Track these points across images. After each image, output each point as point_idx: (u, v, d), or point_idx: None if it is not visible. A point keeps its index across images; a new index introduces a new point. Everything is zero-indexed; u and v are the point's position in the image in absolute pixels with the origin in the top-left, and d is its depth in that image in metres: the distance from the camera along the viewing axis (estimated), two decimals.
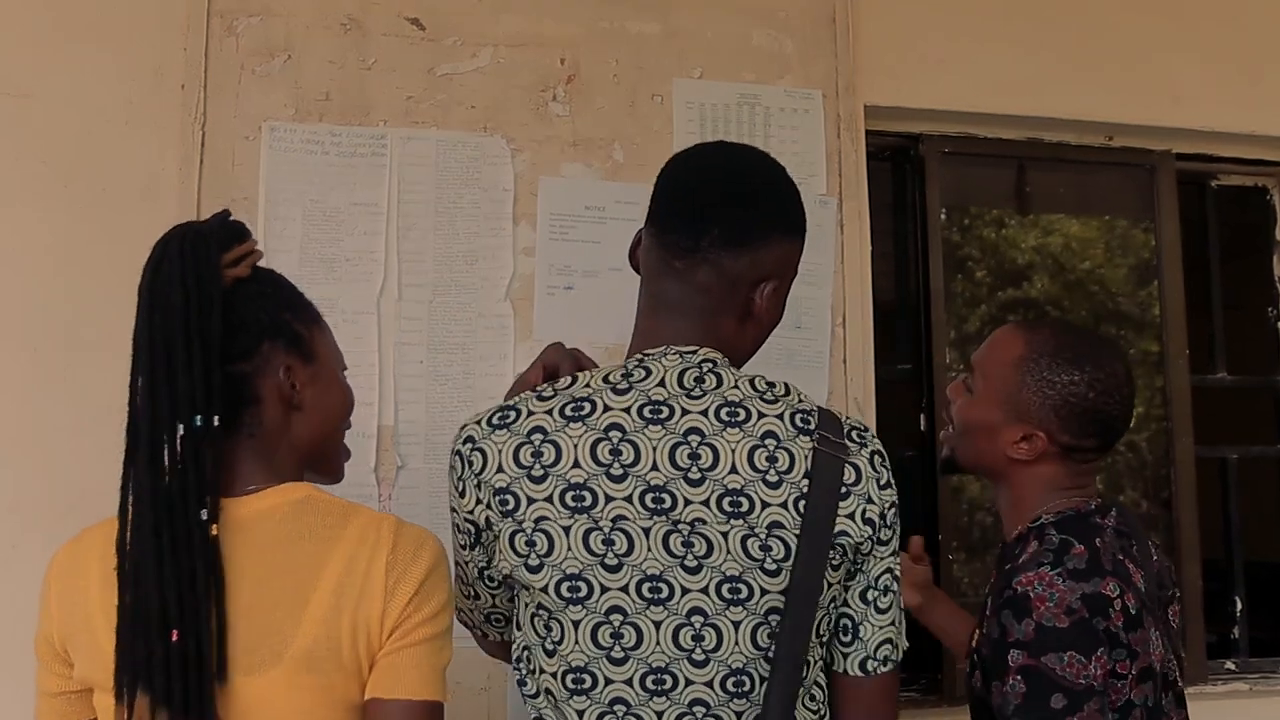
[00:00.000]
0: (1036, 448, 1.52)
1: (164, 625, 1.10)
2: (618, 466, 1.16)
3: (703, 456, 1.17)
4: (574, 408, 1.19)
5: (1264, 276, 2.84)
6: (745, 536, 1.16)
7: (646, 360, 1.22)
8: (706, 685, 1.16)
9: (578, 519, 1.16)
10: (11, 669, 1.87)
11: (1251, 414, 2.93)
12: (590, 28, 2.25)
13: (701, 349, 1.23)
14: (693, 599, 1.16)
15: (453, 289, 2.13)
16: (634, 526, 1.16)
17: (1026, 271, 4.83)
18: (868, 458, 1.22)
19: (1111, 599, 1.40)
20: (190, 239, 1.20)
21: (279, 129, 2.10)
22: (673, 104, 2.27)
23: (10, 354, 1.98)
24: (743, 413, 1.19)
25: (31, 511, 1.94)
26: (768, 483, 1.17)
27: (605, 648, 1.16)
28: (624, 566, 1.16)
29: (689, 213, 1.24)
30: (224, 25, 2.10)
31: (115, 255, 2.02)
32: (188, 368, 1.15)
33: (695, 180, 1.28)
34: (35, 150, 2.03)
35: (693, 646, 1.16)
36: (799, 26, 2.35)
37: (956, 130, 2.54)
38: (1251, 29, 2.63)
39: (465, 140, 2.16)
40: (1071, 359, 1.52)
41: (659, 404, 1.19)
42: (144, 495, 1.15)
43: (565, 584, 1.16)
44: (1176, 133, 2.62)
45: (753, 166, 1.30)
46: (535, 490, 1.17)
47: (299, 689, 1.14)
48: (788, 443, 1.18)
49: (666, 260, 1.25)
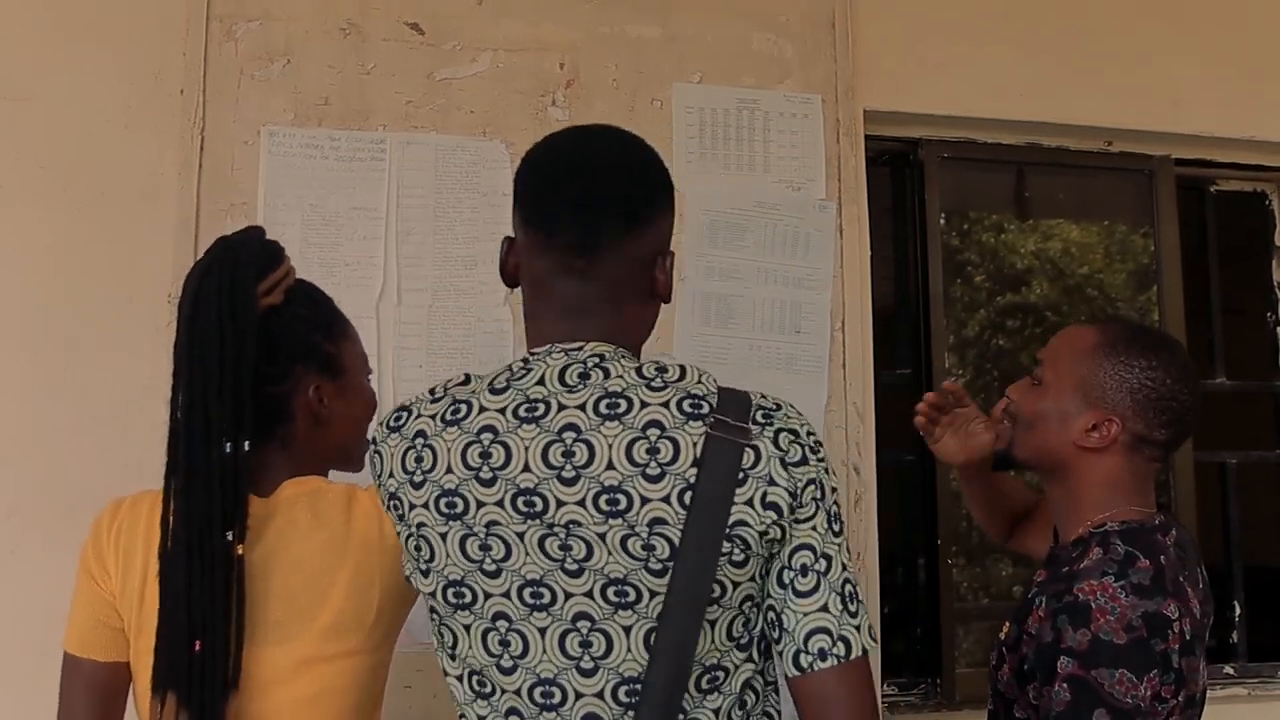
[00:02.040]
0: (1109, 434, 1.48)
1: (190, 636, 1.21)
2: (487, 470, 1.11)
3: (577, 454, 1.09)
4: (453, 410, 1.15)
5: (1263, 281, 2.84)
6: (626, 536, 1.07)
7: (531, 360, 1.17)
8: (597, 696, 1.10)
9: (453, 525, 1.12)
10: (12, 669, 1.87)
11: (1250, 419, 2.93)
12: (590, 32, 2.25)
13: (589, 344, 1.15)
14: (577, 603, 1.09)
15: (452, 293, 2.13)
16: (508, 531, 1.10)
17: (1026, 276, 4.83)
18: (771, 437, 1.11)
19: (1171, 621, 1.37)
20: (230, 269, 1.28)
21: (278, 133, 2.10)
22: (672, 108, 2.27)
23: (10, 355, 1.98)
24: (623, 404, 1.10)
25: (31, 512, 1.94)
26: (648, 476, 1.07)
27: (495, 655, 1.13)
28: (503, 572, 1.11)
29: (579, 207, 1.16)
30: (223, 29, 2.10)
31: (114, 258, 2.03)
32: (219, 397, 1.25)
33: (573, 170, 1.19)
34: (35, 153, 2.03)
35: (580, 654, 1.10)
36: (799, 31, 2.35)
37: (956, 135, 2.55)
38: (1251, 34, 2.64)
39: (464, 145, 2.17)
40: (1149, 345, 1.51)
41: (536, 402, 1.12)
42: (179, 513, 1.25)
43: (450, 590, 1.14)
44: (1176, 138, 2.62)
45: (619, 143, 1.23)
46: (416, 496, 1.14)
47: (321, 657, 1.26)
48: (673, 431, 1.09)
49: (564, 261, 1.16)
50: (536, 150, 1.23)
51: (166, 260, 2.02)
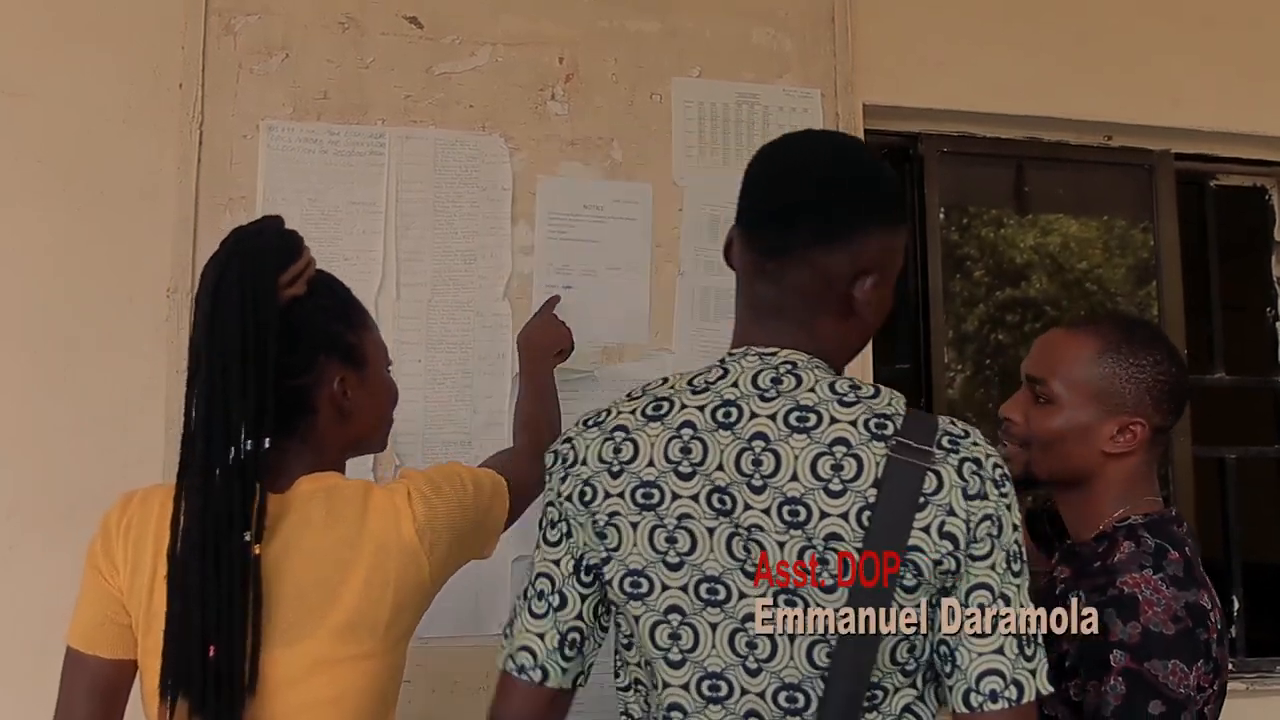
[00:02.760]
0: (1137, 437, 1.48)
1: (204, 639, 1.18)
2: (686, 464, 1.14)
3: (764, 463, 1.11)
4: (654, 407, 1.18)
5: (1263, 277, 2.84)
6: (803, 548, 1.09)
7: (727, 361, 1.20)
8: (759, 696, 1.11)
9: (645, 515, 1.14)
10: (11, 668, 1.87)
11: (1250, 414, 2.93)
12: (589, 27, 2.25)
13: (783, 350, 1.17)
14: (748, 605, 1.11)
15: (451, 288, 2.13)
16: (698, 526, 1.13)
17: (1025, 271, 4.84)
18: (955, 465, 1.10)
19: (1208, 611, 1.39)
20: (250, 262, 1.26)
21: (277, 128, 2.09)
22: (671, 103, 2.26)
23: (9, 354, 1.98)
24: (813, 418, 1.12)
25: (31, 511, 1.94)
26: (830, 491, 1.09)
27: (664, 649, 1.14)
28: (685, 565, 1.13)
29: (777, 211, 1.18)
30: (222, 24, 2.10)
31: (114, 254, 2.02)
32: (242, 393, 1.22)
33: (782, 175, 1.21)
34: (33, 149, 2.02)
35: (747, 654, 1.12)
36: (798, 26, 2.34)
37: (955, 130, 2.54)
38: (1251, 29, 2.63)
39: (463, 139, 2.16)
40: (1148, 340, 1.52)
41: (730, 405, 1.15)
42: (194, 512, 1.22)
43: (628, 579, 1.15)
44: (1175, 132, 2.62)
45: (843, 155, 1.22)
46: (612, 485, 1.16)
47: (334, 659, 1.23)
48: (858, 449, 1.10)
49: (758, 262, 1.19)
50: (768, 147, 1.26)
51: (166, 256, 2.02)
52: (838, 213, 1.17)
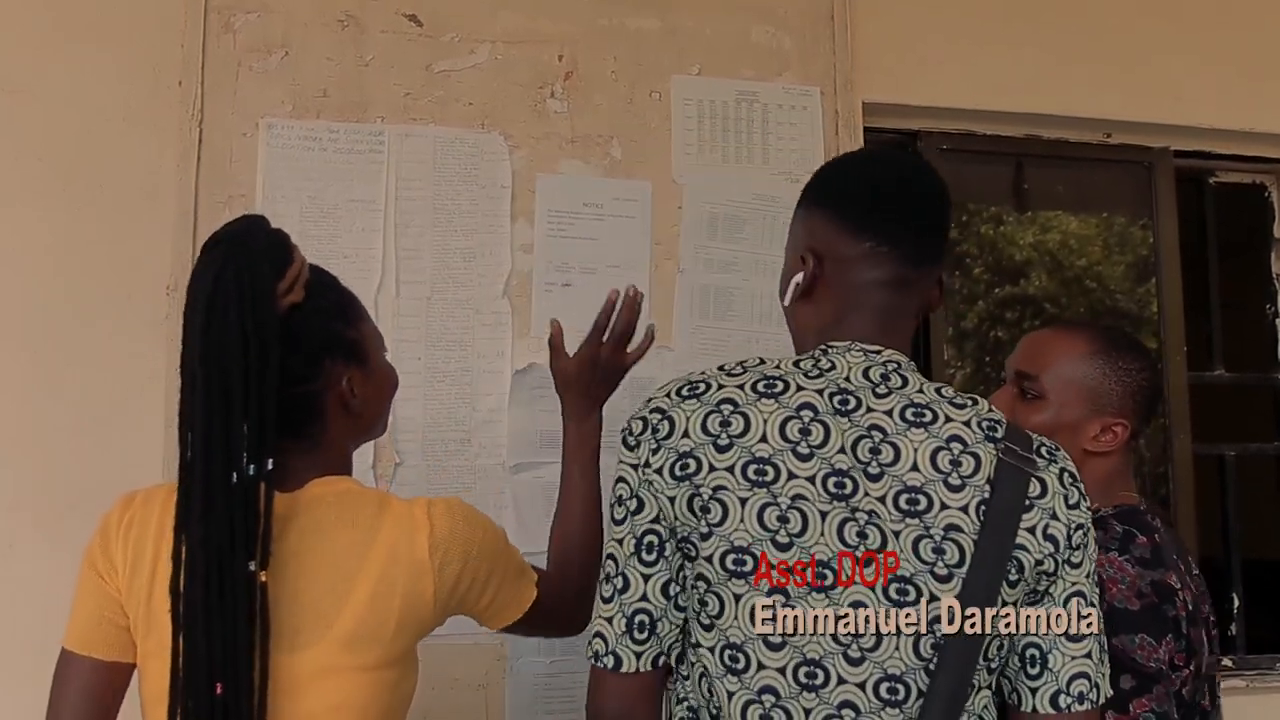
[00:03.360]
0: (1118, 437, 1.54)
1: (210, 676, 1.13)
2: (805, 446, 1.13)
3: (883, 452, 1.13)
4: (766, 384, 1.17)
5: (1262, 274, 2.84)
6: (919, 537, 1.11)
7: (831, 353, 1.20)
8: (859, 687, 1.11)
9: (757, 492, 1.12)
10: (11, 665, 1.87)
11: (1249, 411, 2.93)
12: (588, 24, 2.25)
13: (886, 350, 1.21)
14: (856, 593, 1.11)
15: (450, 286, 2.13)
16: (812, 508, 1.12)
17: (1024, 268, 4.84)
18: (1056, 474, 1.17)
19: (1176, 590, 1.44)
20: (247, 272, 1.19)
21: (276, 126, 2.09)
22: (671, 101, 2.26)
23: (9, 352, 1.98)
24: (929, 414, 1.16)
25: (30, 510, 1.94)
26: (949, 485, 1.13)
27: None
28: (794, 546, 1.11)
29: (924, 225, 1.24)
30: (221, 22, 2.10)
31: (114, 252, 2.02)
32: (244, 413, 1.16)
33: (916, 193, 1.26)
34: (33, 148, 2.02)
35: (850, 642, 1.11)
36: (797, 23, 2.34)
37: (954, 127, 2.54)
38: (1250, 27, 2.63)
39: (463, 137, 2.16)
40: (1132, 346, 1.59)
41: (847, 394, 1.16)
42: (196, 542, 1.16)
43: (731, 555, 1.12)
44: (1175, 130, 2.62)
45: (934, 174, 1.30)
46: (719, 459, 1.14)
47: (337, 668, 1.19)
48: (974, 447, 1.14)
49: (898, 273, 1.22)
50: (858, 165, 1.33)
51: (165, 253, 2.02)
52: (949, 228, 1.29)
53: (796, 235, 1.29)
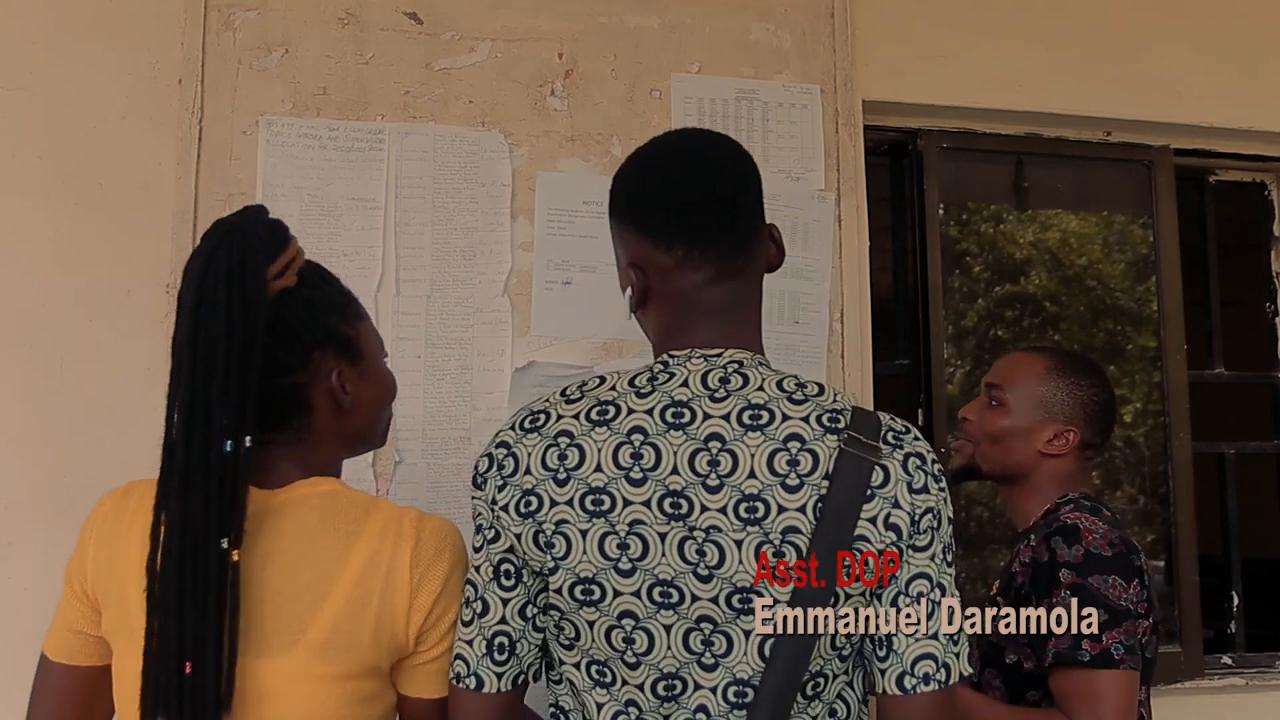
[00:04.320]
0: (1069, 442, 1.80)
1: (180, 655, 1.12)
2: (638, 470, 1.14)
3: (722, 463, 1.13)
4: (599, 411, 1.17)
5: (1262, 272, 2.85)
6: (760, 544, 1.11)
7: (671, 363, 1.20)
8: (711, 692, 1.14)
9: (595, 522, 1.14)
10: (11, 667, 1.87)
11: (1249, 410, 2.93)
12: (588, 22, 2.24)
13: (728, 350, 1.20)
14: (703, 607, 1.13)
15: (450, 284, 2.13)
16: (650, 531, 1.13)
17: (1024, 267, 4.83)
18: (900, 460, 1.15)
19: (1139, 551, 1.68)
20: (238, 252, 1.18)
21: (276, 123, 2.09)
22: (671, 99, 2.26)
23: (9, 348, 1.98)
24: (766, 415, 1.15)
25: (30, 506, 1.94)
26: (787, 486, 1.12)
27: (619, 650, 1.15)
28: (637, 571, 1.13)
29: (706, 228, 1.19)
30: (221, 19, 2.10)
31: (113, 249, 2.02)
32: (225, 394, 1.15)
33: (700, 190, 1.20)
34: (33, 145, 2.02)
35: (702, 650, 1.14)
36: (797, 21, 2.34)
37: (955, 125, 2.54)
38: (1250, 24, 2.63)
39: (463, 135, 2.16)
40: (1086, 367, 1.85)
41: (680, 406, 1.16)
42: (173, 520, 1.15)
43: (579, 587, 1.14)
44: (1175, 128, 2.62)
45: (741, 151, 1.26)
46: (559, 493, 1.15)
47: (310, 676, 1.16)
48: (813, 444, 1.13)
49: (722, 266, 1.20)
50: (647, 169, 1.24)
51: (165, 251, 2.02)
52: (755, 201, 1.23)
53: (617, 248, 1.27)
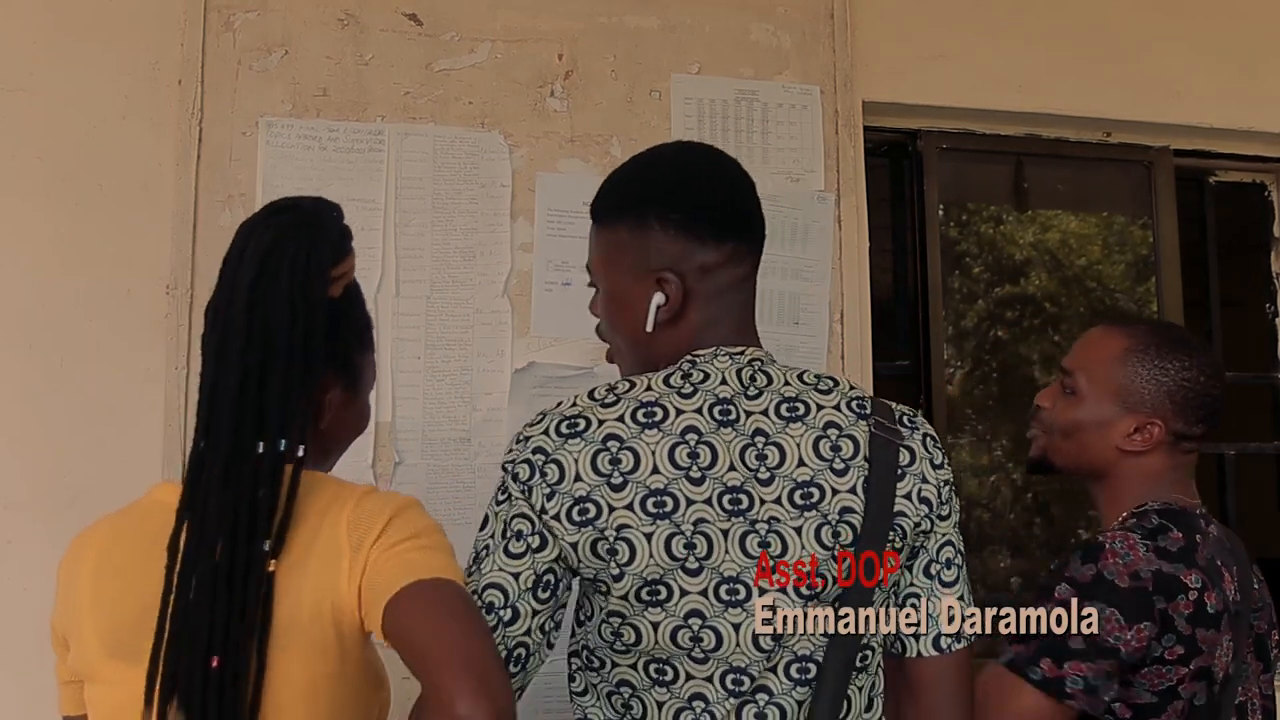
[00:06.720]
0: (1153, 437, 1.54)
1: (208, 649, 1.07)
2: (696, 469, 1.16)
3: (769, 456, 1.19)
4: (645, 414, 1.18)
5: (1262, 273, 2.84)
6: (819, 526, 1.18)
7: (700, 363, 1.23)
8: (772, 671, 1.17)
9: (660, 524, 1.14)
10: (11, 666, 1.87)
11: (1249, 410, 2.93)
12: (588, 23, 2.24)
13: (747, 349, 1.25)
14: (767, 599, 1.16)
15: (450, 285, 2.13)
16: (714, 529, 1.15)
17: (1024, 267, 4.84)
18: (920, 440, 1.25)
19: (1188, 588, 1.41)
20: (307, 246, 1.15)
21: (276, 124, 2.09)
22: (671, 99, 2.26)
23: (9, 348, 1.98)
24: (801, 406, 1.21)
25: (29, 506, 1.94)
26: (835, 470, 1.19)
27: (685, 648, 1.16)
28: (704, 570, 1.15)
29: (741, 215, 1.30)
30: (221, 20, 2.10)
31: (113, 250, 2.02)
32: (284, 390, 1.11)
33: (734, 184, 1.32)
34: (32, 145, 2.02)
35: (772, 646, 1.17)
36: (797, 22, 2.34)
37: (954, 126, 2.54)
38: (1250, 25, 2.63)
39: (463, 136, 2.16)
40: (1179, 345, 1.56)
41: (726, 403, 1.20)
42: (211, 517, 1.10)
43: (645, 589, 1.14)
44: (1175, 129, 2.61)
45: (727, 156, 1.37)
46: (616, 498, 1.15)
47: (272, 665, 1.10)
48: (849, 430, 1.21)
49: (733, 261, 1.27)
50: (677, 172, 1.31)
51: (165, 251, 2.01)
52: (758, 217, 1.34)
53: (632, 262, 1.27)
